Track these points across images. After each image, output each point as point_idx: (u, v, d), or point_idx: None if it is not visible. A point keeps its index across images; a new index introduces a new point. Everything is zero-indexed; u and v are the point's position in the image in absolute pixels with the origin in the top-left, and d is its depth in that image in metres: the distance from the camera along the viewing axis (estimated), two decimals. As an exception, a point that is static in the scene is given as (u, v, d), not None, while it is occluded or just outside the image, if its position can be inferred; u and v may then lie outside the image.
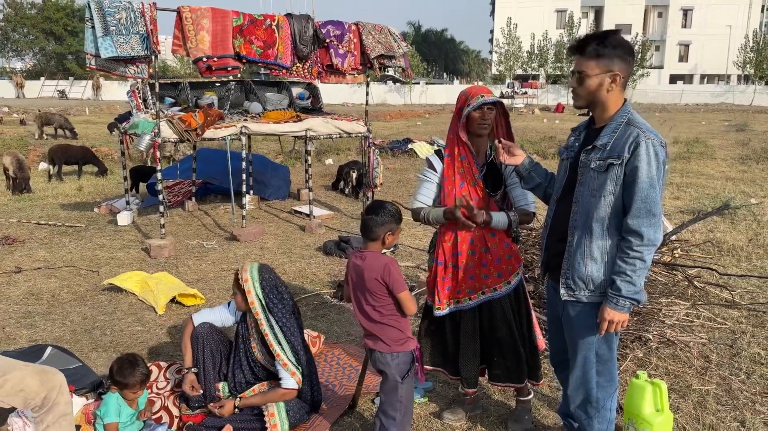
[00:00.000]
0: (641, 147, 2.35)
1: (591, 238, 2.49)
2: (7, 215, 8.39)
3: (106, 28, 5.86)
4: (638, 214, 2.36)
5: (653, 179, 2.35)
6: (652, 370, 3.79)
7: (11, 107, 29.11)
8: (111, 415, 3.01)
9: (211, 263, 6.29)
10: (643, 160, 2.34)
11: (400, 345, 2.77)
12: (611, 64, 2.41)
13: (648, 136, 2.37)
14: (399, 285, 2.70)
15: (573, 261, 2.55)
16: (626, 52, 2.43)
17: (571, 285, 2.57)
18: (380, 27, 7.78)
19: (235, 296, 3.26)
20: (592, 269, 2.50)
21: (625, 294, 2.40)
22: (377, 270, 2.70)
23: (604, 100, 2.48)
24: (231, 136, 6.98)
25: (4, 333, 4.53)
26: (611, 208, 2.43)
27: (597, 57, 2.42)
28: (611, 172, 2.41)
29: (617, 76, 2.43)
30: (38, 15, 53.43)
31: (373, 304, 2.75)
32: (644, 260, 2.39)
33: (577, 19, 51.91)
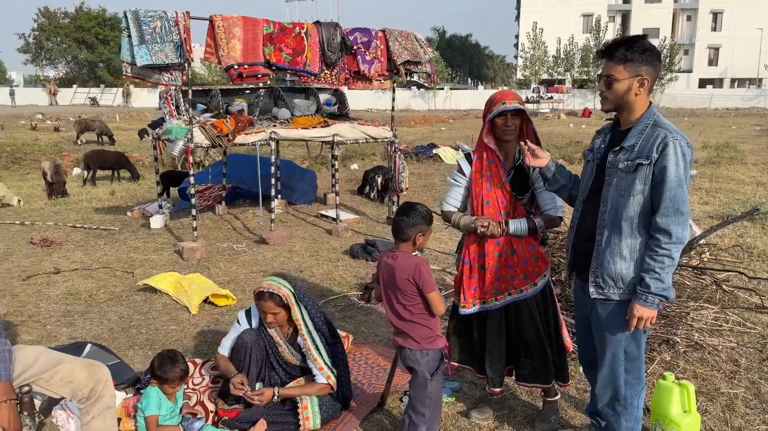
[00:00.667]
0: (669, 147, 2.42)
1: (620, 237, 2.55)
2: (45, 218, 8.65)
3: (141, 36, 6.05)
4: (667, 212, 2.43)
5: (681, 178, 2.41)
6: (680, 373, 3.80)
7: (45, 114, 29.90)
8: (152, 408, 3.13)
9: (242, 265, 6.43)
10: (671, 160, 2.41)
11: (429, 343, 2.84)
12: (639, 68, 2.48)
13: (675, 136, 2.44)
14: (429, 286, 2.77)
15: (602, 260, 2.61)
16: (654, 57, 2.50)
17: (600, 284, 2.63)
18: (406, 33, 7.88)
19: (275, 315, 3.27)
20: (621, 267, 2.56)
21: (654, 291, 2.46)
22: (408, 270, 2.78)
23: (631, 103, 2.54)
24: (260, 141, 7.13)
25: (45, 330, 4.71)
26: (640, 207, 2.50)
27: (625, 61, 2.48)
28: (640, 172, 2.47)
29: (645, 80, 2.49)
30: (71, 24, 54.83)
31: (404, 303, 2.83)
32: (672, 258, 2.45)
33: (604, 23, 51.43)
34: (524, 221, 3.09)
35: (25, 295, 5.47)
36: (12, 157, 15.42)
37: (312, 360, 3.29)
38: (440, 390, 2.93)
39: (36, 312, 5.08)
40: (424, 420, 2.87)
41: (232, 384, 3.23)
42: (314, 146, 14.26)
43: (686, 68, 55.30)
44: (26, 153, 16.04)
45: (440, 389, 2.92)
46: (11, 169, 14.13)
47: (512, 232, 3.07)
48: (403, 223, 2.83)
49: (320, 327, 3.39)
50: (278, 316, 3.28)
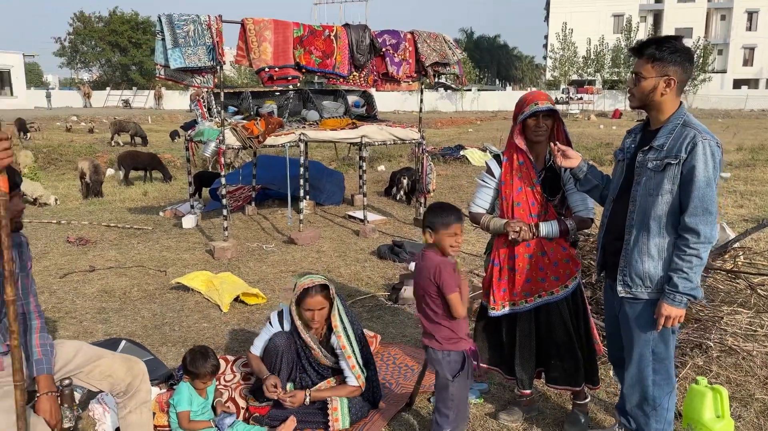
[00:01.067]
0: (698, 147, 2.42)
1: (648, 236, 2.57)
2: (80, 218, 8.88)
3: (175, 40, 6.18)
4: (695, 212, 2.44)
5: (710, 178, 2.42)
6: (713, 378, 3.74)
7: (80, 116, 30.61)
8: (183, 404, 3.20)
9: (271, 265, 6.52)
10: (700, 160, 2.42)
11: (452, 344, 2.83)
12: (667, 68, 2.50)
13: (704, 136, 2.44)
14: (448, 287, 2.74)
15: (630, 259, 2.63)
16: (684, 59, 2.50)
17: (628, 283, 2.65)
18: (435, 35, 7.89)
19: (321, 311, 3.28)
20: (649, 266, 2.57)
21: (682, 290, 2.47)
22: (430, 270, 2.79)
23: (658, 102, 2.57)
24: (290, 142, 7.22)
25: (81, 327, 4.84)
26: (668, 206, 2.51)
27: (654, 60, 2.51)
28: (668, 172, 2.49)
29: (672, 80, 2.51)
30: (105, 28, 55.95)
31: (429, 303, 2.85)
32: (701, 257, 2.45)
33: (635, 23, 50.71)
34: (555, 223, 3.09)
35: (62, 292, 5.63)
36: (48, 157, 15.84)
37: (346, 358, 3.33)
38: (464, 392, 2.91)
39: (72, 308, 5.23)
40: (448, 421, 2.88)
41: (265, 386, 3.28)
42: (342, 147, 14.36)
43: (720, 68, 54.18)
44: (62, 154, 16.46)
45: (464, 391, 2.91)
46: (47, 170, 14.52)
47: (544, 235, 3.07)
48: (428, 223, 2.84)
49: (353, 322, 3.43)
50: (323, 311, 3.28)
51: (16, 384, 2.17)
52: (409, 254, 6.56)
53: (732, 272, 4.80)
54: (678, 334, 3.81)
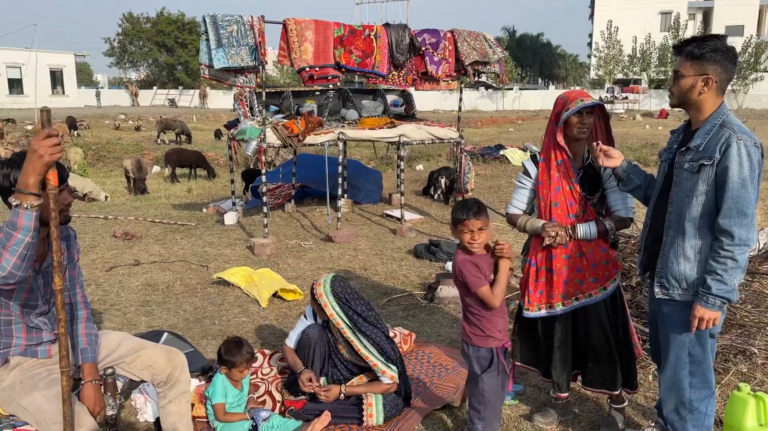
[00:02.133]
0: (732, 147, 2.39)
1: (684, 238, 2.54)
2: (126, 213, 9.15)
3: (219, 40, 6.31)
4: (729, 213, 2.40)
5: (745, 179, 2.37)
6: (757, 386, 3.63)
7: (127, 114, 31.50)
8: (218, 396, 3.27)
9: (309, 262, 6.60)
10: (734, 161, 2.38)
11: (480, 341, 2.82)
12: (705, 67, 2.47)
13: (740, 136, 2.40)
14: (472, 284, 2.74)
15: (667, 261, 2.61)
16: (724, 58, 2.46)
17: (664, 284, 2.63)
18: (475, 34, 7.85)
19: (319, 310, 3.46)
20: (685, 268, 2.55)
21: (716, 292, 2.44)
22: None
23: (696, 101, 2.54)
24: (329, 141, 7.29)
25: (126, 319, 5.00)
26: (703, 207, 2.49)
27: (693, 59, 2.49)
28: (703, 173, 2.46)
29: (710, 79, 2.47)
30: (152, 29, 57.39)
31: (462, 298, 2.87)
32: (736, 260, 2.41)
33: (684, 20, 49.24)
34: (593, 224, 3.05)
35: (108, 285, 5.82)
36: (97, 154, 16.35)
37: (365, 358, 3.36)
38: (496, 389, 2.87)
39: (117, 301, 5.40)
40: (479, 416, 2.88)
41: (300, 380, 3.34)
42: (380, 146, 14.39)
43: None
44: (110, 151, 16.96)
45: (496, 389, 2.87)
46: (96, 166, 14.99)
47: (581, 237, 3.03)
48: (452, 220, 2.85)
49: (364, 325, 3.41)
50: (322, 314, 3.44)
51: (63, 370, 2.26)
52: (446, 254, 6.54)
53: (780, 277, 4.64)
54: (718, 339, 3.72)
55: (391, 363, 3.39)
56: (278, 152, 12.34)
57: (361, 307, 3.42)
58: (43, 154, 2.05)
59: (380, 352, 3.38)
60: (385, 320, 4.86)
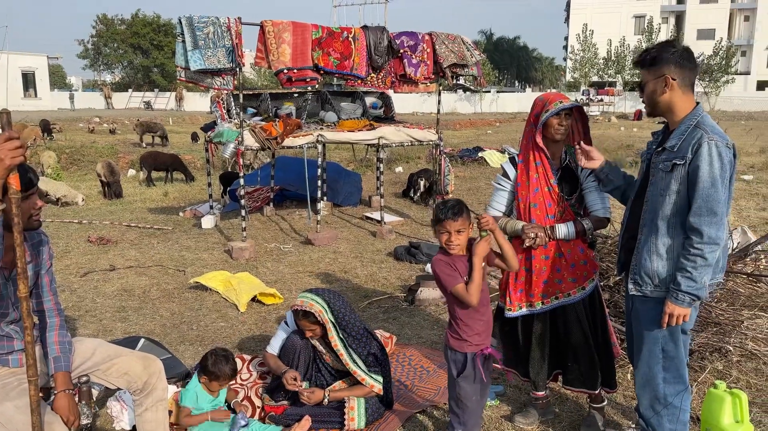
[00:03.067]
0: (703, 147, 2.44)
1: (657, 236, 2.60)
2: (101, 218, 9.01)
3: (195, 42, 6.24)
4: (699, 212, 2.45)
5: (715, 179, 2.42)
6: (732, 383, 3.68)
7: (102, 118, 31.03)
8: (186, 400, 3.21)
9: (288, 265, 6.55)
10: (704, 160, 2.43)
11: (456, 343, 2.80)
12: (661, 68, 2.55)
13: (711, 137, 2.45)
14: (446, 283, 2.72)
15: (640, 258, 2.67)
16: (678, 56, 2.53)
17: (638, 281, 2.69)
18: (453, 36, 7.88)
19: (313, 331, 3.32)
20: (658, 265, 2.60)
21: (685, 289, 2.49)
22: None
23: (664, 104, 2.60)
24: (308, 144, 7.25)
25: (101, 325, 4.91)
26: (675, 206, 2.54)
27: (648, 66, 2.59)
28: (675, 172, 2.52)
29: (667, 78, 2.53)
30: (127, 30, 56.67)
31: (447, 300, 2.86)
32: (705, 257, 2.46)
33: (657, 24, 50.08)
34: (572, 225, 3.07)
35: (83, 291, 5.71)
36: (71, 158, 16.09)
37: (353, 373, 3.34)
38: (473, 394, 2.83)
39: (93, 307, 5.30)
40: (458, 420, 2.86)
41: (285, 379, 3.30)
42: (360, 149, 14.38)
43: (744, 70, 53.28)
44: (84, 155, 16.71)
45: (473, 394, 2.83)
46: (70, 170, 14.77)
47: (560, 238, 3.06)
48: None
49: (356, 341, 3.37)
50: (315, 331, 3.34)
51: (30, 379, 2.21)
52: (426, 256, 6.55)
53: (753, 275, 4.72)
54: (694, 337, 3.77)
55: (376, 374, 3.37)
56: (256, 155, 12.26)
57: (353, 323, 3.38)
58: (3, 157, 1.99)
59: (367, 366, 3.37)
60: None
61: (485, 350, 2.80)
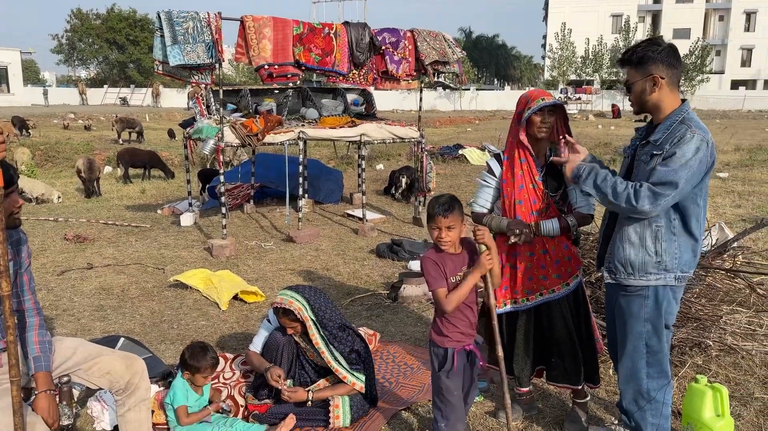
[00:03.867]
0: (685, 139, 2.48)
1: (630, 224, 2.65)
2: (78, 215, 8.85)
3: (174, 37, 6.15)
4: (653, 176, 2.49)
5: (683, 164, 2.44)
6: (712, 377, 3.74)
7: (77, 114, 30.52)
8: (180, 399, 3.17)
9: (270, 263, 6.50)
10: (680, 148, 2.47)
11: (437, 338, 2.81)
12: (648, 67, 2.56)
13: (694, 131, 2.48)
14: (429, 283, 2.72)
15: (614, 247, 2.73)
16: (665, 55, 2.55)
17: (612, 269, 2.74)
18: (435, 33, 7.88)
19: (294, 328, 3.31)
20: (630, 253, 2.65)
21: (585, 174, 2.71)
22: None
23: (652, 103, 2.63)
24: (289, 140, 7.20)
25: (79, 324, 4.82)
26: None
27: (635, 65, 2.60)
28: (652, 162, 2.56)
29: (656, 78, 2.55)
30: (102, 25, 55.82)
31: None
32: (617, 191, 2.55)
33: (634, 23, 50.72)
34: (556, 221, 3.08)
35: (60, 290, 5.61)
36: (45, 155, 15.76)
37: (334, 371, 3.32)
38: (455, 390, 2.82)
39: (70, 306, 5.21)
40: (441, 415, 2.87)
41: (269, 375, 3.27)
42: (341, 146, 14.33)
43: (718, 69, 54.25)
44: (59, 151, 16.37)
45: (455, 389, 2.82)
46: (45, 167, 14.46)
47: (544, 234, 3.07)
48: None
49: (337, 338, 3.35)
50: (296, 328, 3.33)
51: (12, 379, 2.16)
52: (408, 253, 6.55)
53: (731, 271, 4.80)
54: (675, 332, 3.82)
55: (358, 372, 3.36)
56: (236, 152, 12.14)
57: (333, 310, 3.37)
58: None
59: (349, 364, 3.35)
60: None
61: (467, 347, 2.81)
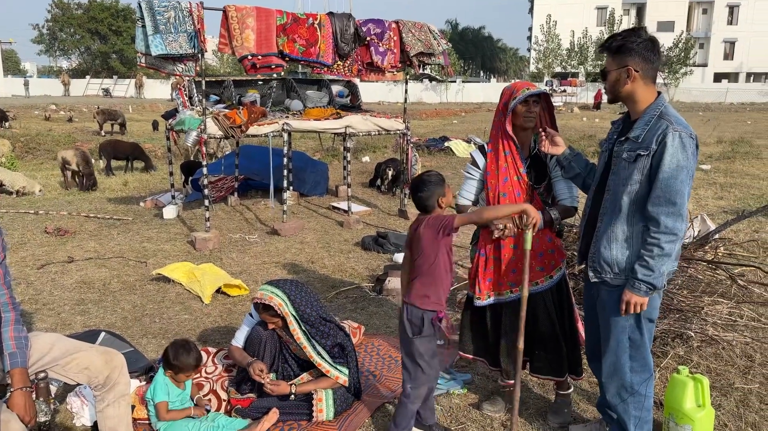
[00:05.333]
0: (668, 138, 2.45)
1: (617, 224, 2.62)
2: (58, 208, 8.72)
3: (156, 26, 6.06)
4: (657, 201, 2.47)
5: (676, 169, 2.44)
6: (694, 368, 3.77)
7: (59, 105, 30.10)
8: (160, 394, 3.14)
9: (254, 256, 6.46)
10: (668, 151, 2.44)
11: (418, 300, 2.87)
12: (625, 59, 2.55)
13: (676, 128, 2.46)
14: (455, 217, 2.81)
15: (599, 246, 2.70)
16: (643, 48, 2.53)
17: (597, 268, 2.71)
18: (420, 24, 7.84)
19: (274, 323, 3.29)
20: (617, 253, 2.63)
21: (642, 278, 2.52)
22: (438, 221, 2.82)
23: (626, 94, 2.61)
24: (273, 132, 7.13)
25: (60, 318, 4.75)
26: (636, 195, 2.56)
27: (613, 54, 2.59)
28: (639, 163, 2.53)
29: (630, 70, 2.54)
30: (84, 15, 54.98)
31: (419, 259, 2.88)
32: (661, 247, 2.48)
33: (618, 16, 50.92)
34: (540, 214, 3.07)
35: (40, 283, 5.53)
36: (26, 147, 15.55)
37: (317, 365, 3.30)
38: (428, 353, 2.89)
39: (50, 300, 5.13)
40: (409, 378, 2.93)
41: (251, 369, 3.24)
42: (326, 138, 14.26)
43: (701, 62, 54.65)
44: (40, 143, 16.16)
45: (427, 353, 2.88)
46: (25, 159, 14.26)
47: None
48: (420, 200, 2.88)
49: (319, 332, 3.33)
50: (277, 323, 3.30)
51: (-13, 377, 2.11)
52: (394, 245, 6.53)
53: (712, 263, 4.84)
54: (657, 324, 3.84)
55: (341, 366, 3.34)
56: (219, 143, 12.03)
57: (314, 304, 3.34)
58: None
59: (332, 357, 3.33)
60: (334, 313, 4.80)
61: (440, 314, 2.90)
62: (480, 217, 2.79)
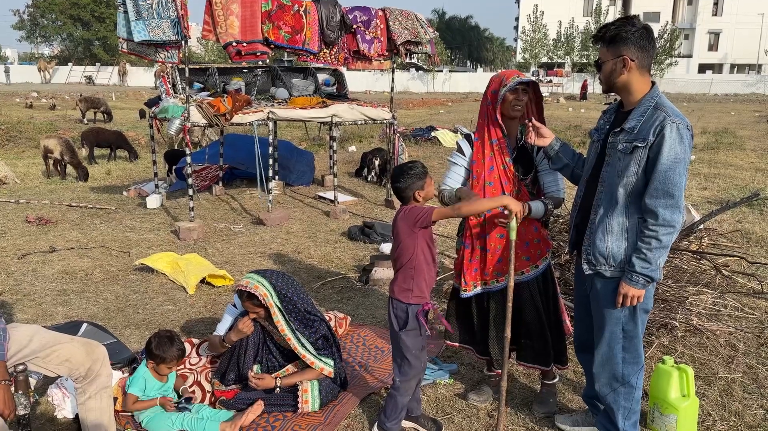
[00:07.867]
0: (666, 130, 2.42)
1: (612, 216, 2.60)
2: (40, 197, 8.59)
3: (138, 12, 5.95)
4: (655, 194, 2.45)
5: (674, 161, 2.42)
6: (678, 357, 3.79)
7: (40, 92, 29.62)
8: (134, 388, 3.10)
9: (239, 246, 6.40)
10: (666, 143, 2.42)
11: (401, 294, 2.85)
12: (620, 48, 2.52)
13: (673, 119, 2.44)
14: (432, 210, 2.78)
15: (594, 238, 2.66)
16: (638, 36, 2.51)
17: (592, 261, 2.68)
18: (407, 13, 7.78)
19: (257, 313, 3.25)
20: (612, 245, 2.60)
21: (639, 270, 2.50)
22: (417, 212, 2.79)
23: (621, 84, 2.58)
24: (258, 121, 7.06)
25: (41, 309, 4.68)
26: (633, 187, 2.53)
27: (608, 43, 2.56)
28: (636, 154, 2.50)
29: (626, 59, 2.51)
30: (66, 1, 54.02)
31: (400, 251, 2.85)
32: (659, 240, 2.47)
33: (605, 6, 51.01)
34: (540, 203, 3.05)
35: (20, 274, 5.44)
36: (7, 135, 15.26)
37: (301, 357, 3.28)
38: (414, 347, 2.88)
39: (31, 290, 5.05)
40: (398, 370, 2.94)
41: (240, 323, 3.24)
42: (312, 127, 14.13)
43: (686, 53, 54.99)
44: (21, 131, 15.86)
45: (413, 346, 2.88)
46: (6, 147, 14.00)
47: (533, 215, 3.02)
48: (399, 190, 2.86)
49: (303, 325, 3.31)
50: (259, 313, 3.27)
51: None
52: (380, 235, 6.50)
53: (697, 253, 4.87)
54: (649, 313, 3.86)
55: (326, 357, 3.32)
56: (204, 132, 11.90)
57: (300, 295, 3.30)
58: None
59: (317, 349, 3.31)
60: (320, 304, 4.78)
61: (426, 307, 2.88)
62: (459, 212, 2.74)
